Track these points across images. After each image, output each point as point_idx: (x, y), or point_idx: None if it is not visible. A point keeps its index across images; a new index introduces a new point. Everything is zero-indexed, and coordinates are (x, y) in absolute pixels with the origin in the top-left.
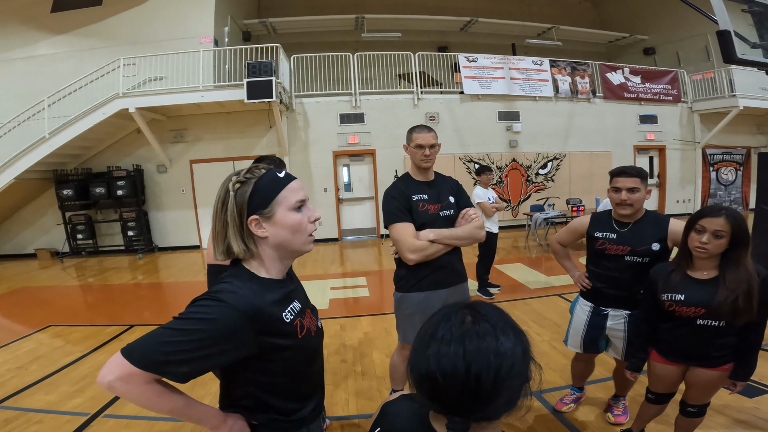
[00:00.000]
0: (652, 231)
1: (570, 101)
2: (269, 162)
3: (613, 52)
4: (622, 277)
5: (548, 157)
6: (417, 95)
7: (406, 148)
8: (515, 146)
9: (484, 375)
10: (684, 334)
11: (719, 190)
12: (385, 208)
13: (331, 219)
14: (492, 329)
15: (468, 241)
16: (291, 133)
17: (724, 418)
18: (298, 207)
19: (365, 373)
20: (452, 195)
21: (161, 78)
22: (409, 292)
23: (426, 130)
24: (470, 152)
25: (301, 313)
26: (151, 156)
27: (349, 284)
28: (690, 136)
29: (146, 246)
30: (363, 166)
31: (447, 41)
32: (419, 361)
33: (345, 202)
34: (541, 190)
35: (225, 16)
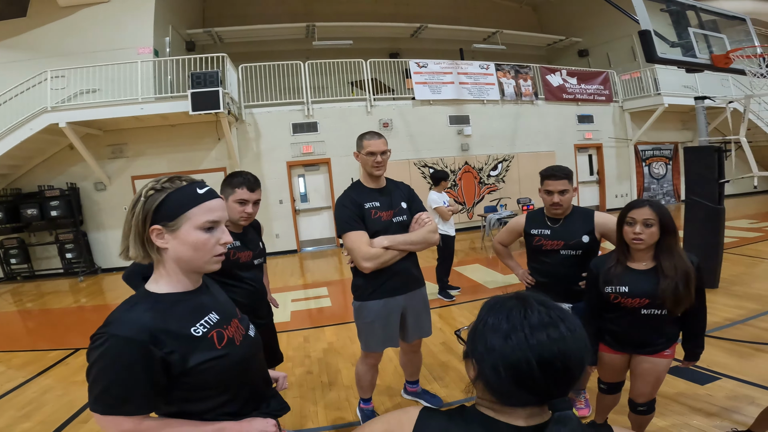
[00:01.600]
0: (580, 225)
1: (515, 104)
2: (243, 179)
3: (552, 54)
4: (560, 271)
5: (498, 158)
6: (370, 102)
7: (356, 155)
8: (467, 149)
9: (585, 350)
10: (629, 324)
11: (653, 184)
12: (337, 218)
13: (289, 231)
14: (564, 309)
15: (422, 245)
16: (242, 144)
17: (679, 406)
18: (208, 227)
19: (333, 384)
20: (404, 201)
21: (95, 90)
22: (368, 300)
23: (377, 137)
24: (424, 157)
25: (221, 324)
26: (87, 173)
27: (310, 295)
28: (623, 133)
29: (88, 268)
30: (318, 176)
31: (398, 47)
32: (525, 351)
33: (302, 213)
34: (493, 191)
35: (165, 26)
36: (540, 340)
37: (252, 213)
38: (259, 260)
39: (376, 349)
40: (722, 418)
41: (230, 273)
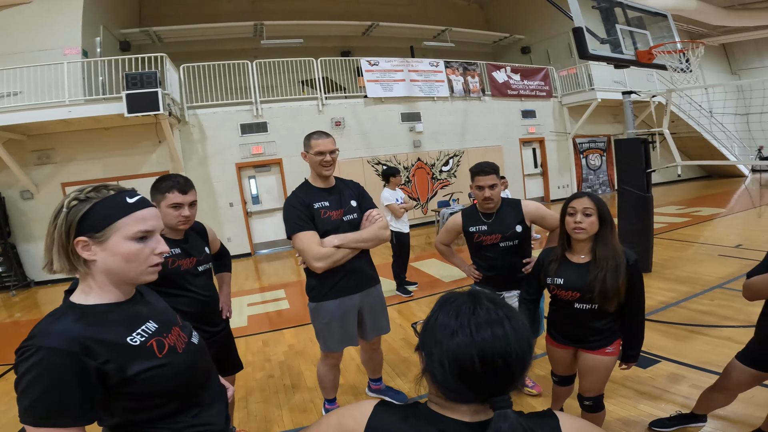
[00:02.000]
0: (512, 216)
1: (464, 100)
2: (172, 182)
3: (498, 51)
4: (503, 262)
5: (449, 154)
6: (321, 101)
7: (304, 155)
8: (419, 146)
9: (527, 349)
10: (565, 317)
11: (590, 175)
12: (286, 219)
13: (241, 234)
14: (512, 308)
15: (374, 242)
16: (186, 146)
17: (627, 390)
18: (140, 237)
19: (296, 386)
20: (354, 199)
21: (17, 93)
22: (323, 300)
23: (324, 136)
24: (377, 155)
25: (160, 332)
26: (12, 181)
27: (267, 298)
28: (562, 127)
29: (19, 281)
30: (270, 177)
31: (350, 46)
32: (470, 348)
33: (254, 216)
34: (445, 186)
35: (96, 26)
36: (484, 337)
37: (190, 216)
38: (205, 267)
39: (335, 349)
40: (666, 401)
41: (172, 282)
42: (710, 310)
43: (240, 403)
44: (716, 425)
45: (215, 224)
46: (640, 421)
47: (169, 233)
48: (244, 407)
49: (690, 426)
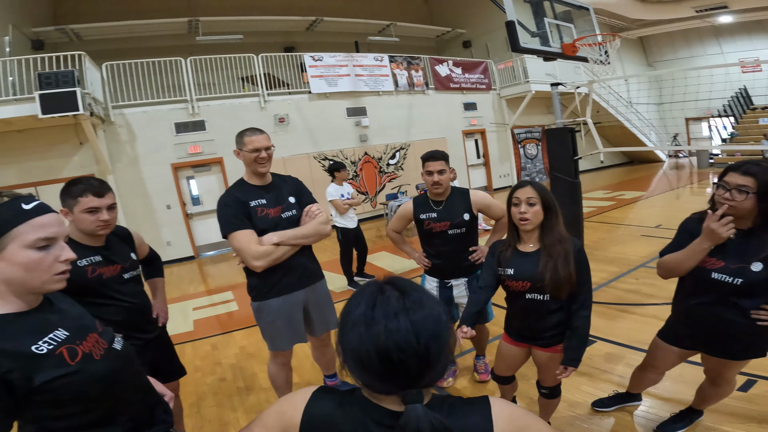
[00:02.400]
0: (460, 204)
1: (408, 94)
2: (85, 185)
3: (441, 45)
4: (451, 250)
5: (396, 147)
6: (263, 97)
7: (237, 153)
8: (365, 140)
9: (431, 342)
10: (518, 309)
11: (528, 164)
12: (220, 218)
13: (182, 237)
14: (420, 298)
15: (315, 238)
16: (112, 147)
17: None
18: (42, 246)
19: (249, 388)
20: (293, 195)
21: None
22: (266, 299)
23: (258, 132)
24: (324, 150)
25: (72, 340)
26: None
27: (214, 301)
28: (501, 119)
29: None
30: (211, 177)
31: (293, 41)
32: (365, 340)
33: (195, 217)
34: (393, 179)
35: (4, 25)
36: (378, 331)
37: (109, 220)
38: (132, 274)
39: (283, 348)
40: (604, 381)
41: (95, 291)
42: (636, 289)
43: (191, 408)
44: (651, 403)
45: (152, 228)
46: (583, 401)
47: (87, 240)
48: (197, 412)
49: (628, 405)
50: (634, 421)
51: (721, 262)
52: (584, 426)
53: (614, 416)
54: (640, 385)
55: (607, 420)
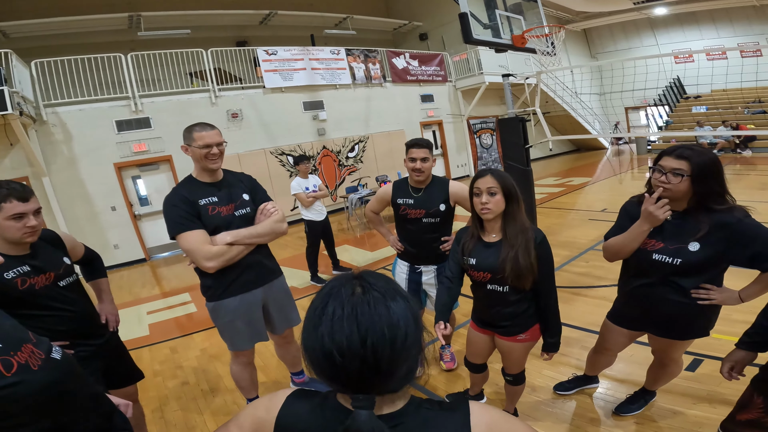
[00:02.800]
0: (438, 194)
1: (366, 87)
2: (7, 190)
3: (398, 38)
4: (423, 237)
5: (354, 140)
6: (214, 93)
7: (185, 149)
8: (323, 134)
9: (380, 347)
10: (480, 298)
11: (484, 153)
12: (167, 218)
13: (131, 239)
14: (382, 298)
15: (270, 236)
16: (47, 148)
17: (530, 356)
18: None
19: (214, 390)
20: (246, 192)
21: None
22: (222, 299)
23: (209, 128)
24: (280, 145)
25: (6, 351)
26: None
27: (171, 303)
28: (457, 110)
29: None
30: (159, 176)
31: (246, 35)
32: (312, 340)
33: (145, 218)
34: (353, 172)
35: None
36: (322, 330)
37: (36, 225)
38: (68, 280)
39: (244, 347)
40: (563, 364)
41: (29, 303)
42: (587, 272)
43: (155, 414)
44: (608, 385)
45: (97, 231)
46: (546, 386)
47: (11, 249)
48: (161, 418)
49: (586, 387)
50: (594, 404)
51: (660, 243)
52: (548, 410)
53: (575, 399)
54: (595, 368)
55: (569, 403)
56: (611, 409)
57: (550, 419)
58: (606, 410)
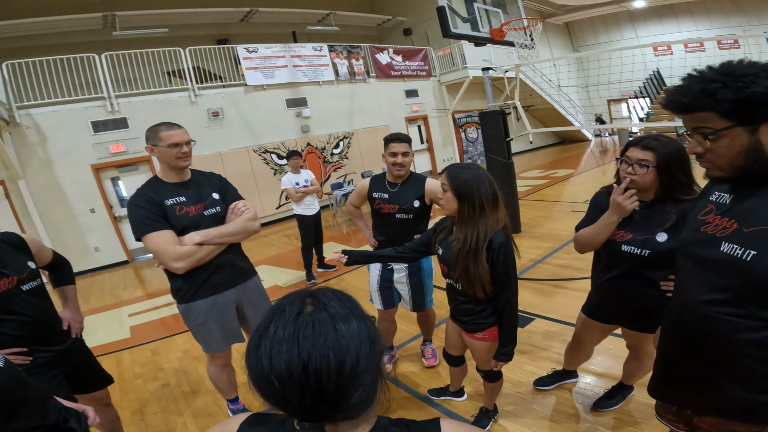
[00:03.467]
0: (413, 190)
1: (350, 83)
2: None
3: (382, 34)
4: (396, 233)
5: (339, 137)
6: (194, 92)
7: (151, 149)
8: (307, 131)
9: (324, 374)
10: (448, 290)
11: (469, 147)
12: (132, 220)
13: (112, 241)
14: (331, 319)
15: (242, 235)
16: (21, 151)
17: None
18: None
19: (195, 391)
20: (216, 191)
21: None
22: (193, 301)
23: (176, 127)
24: (263, 143)
25: None
26: None
27: (154, 305)
28: (442, 104)
29: None
30: (139, 176)
31: (227, 33)
32: (252, 361)
33: (126, 220)
34: (338, 168)
35: None
36: (261, 352)
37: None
38: (32, 285)
39: (219, 349)
40: (543, 359)
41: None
42: (568, 264)
43: (134, 416)
44: (587, 380)
45: (76, 235)
46: (526, 380)
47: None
48: (141, 420)
49: (566, 382)
50: (574, 399)
51: (629, 234)
52: (528, 406)
53: (555, 394)
54: (573, 362)
55: (549, 398)
56: (590, 404)
57: (530, 415)
58: (585, 405)
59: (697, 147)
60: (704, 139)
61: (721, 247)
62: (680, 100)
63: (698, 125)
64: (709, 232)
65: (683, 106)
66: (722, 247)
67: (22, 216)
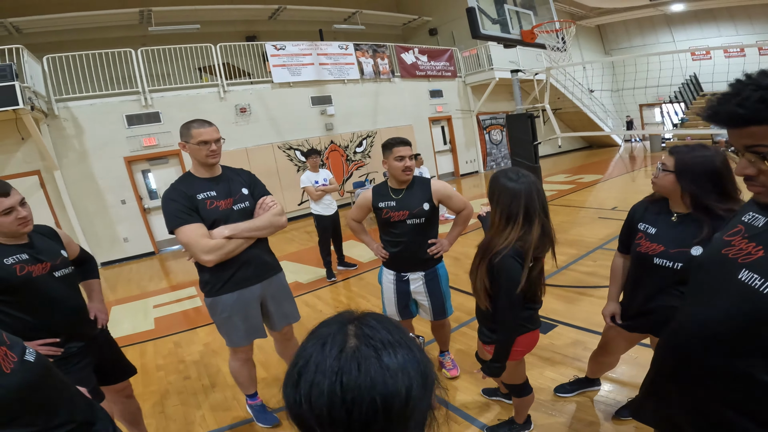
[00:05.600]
0: (420, 193)
1: (374, 82)
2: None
3: (407, 33)
4: (409, 240)
5: (362, 135)
6: (223, 88)
7: (183, 146)
8: (331, 129)
9: (371, 420)
10: None
11: (493, 149)
12: (165, 213)
13: (140, 232)
14: (375, 355)
15: (269, 230)
16: (58, 142)
17: (532, 357)
18: None
19: (215, 385)
20: (245, 187)
21: None
22: (219, 294)
23: (207, 124)
24: (288, 140)
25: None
26: None
27: (177, 297)
28: (467, 105)
29: None
30: (169, 169)
31: (255, 30)
32: (291, 399)
33: (154, 212)
34: (360, 167)
35: None
36: (301, 391)
37: (27, 215)
38: (63, 272)
39: (241, 344)
40: (566, 366)
41: (24, 293)
42: (593, 271)
43: (155, 408)
44: (610, 388)
45: (107, 225)
46: (547, 387)
47: (10, 240)
48: (161, 412)
49: (588, 390)
50: (595, 407)
51: (661, 246)
52: (547, 412)
53: (575, 401)
54: (598, 370)
55: (569, 406)
56: (611, 413)
57: (549, 421)
58: (606, 413)
59: (747, 168)
60: (761, 160)
61: (739, 274)
62: (735, 111)
63: (753, 142)
64: (730, 256)
65: (738, 119)
66: (740, 274)
67: (56, 206)
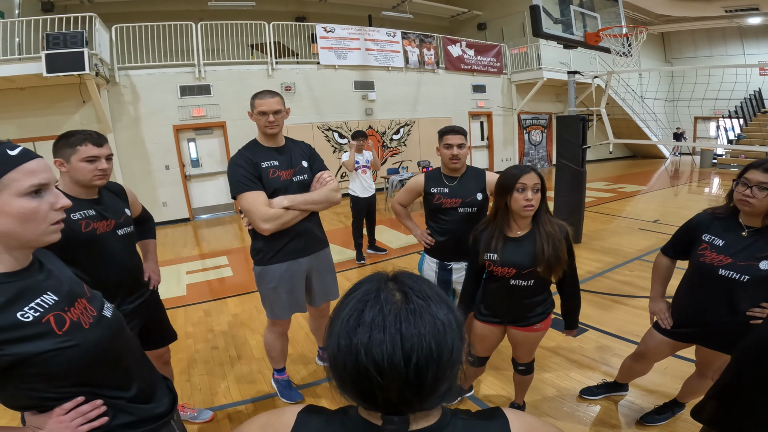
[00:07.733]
0: (474, 183)
1: (418, 71)
2: (84, 135)
3: (455, 26)
4: (458, 229)
5: (400, 123)
6: (271, 65)
7: (250, 115)
8: (371, 114)
9: (425, 366)
10: (501, 293)
11: (531, 150)
12: (231, 178)
13: (179, 198)
14: (426, 306)
15: (324, 204)
16: (115, 108)
17: (559, 358)
18: (34, 191)
19: (242, 357)
20: (305, 160)
21: None
22: (269, 264)
23: (269, 95)
24: (328, 121)
25: (60, 306)
26: None
27: (208, 266)
28: (509, 103)
29: None
30: (212, 140)
31: (305, 11)
32: (345, 353)
33: (194, 179)
34: (395, 154)
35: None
36: (357, 343)
37: (107, 169)
38: (125, 231)
39: (282, 316)
40: (593, 369)
41: (87, 248)
42: (630, 281)
43: (182, 376)
44: (636, 394)
45: (149, 188)
46: (572, 389)
47: (80, 193)
48: (187, 380)
49: (614, 394)
50: (618, 411)
51: (728, 258)
52: (570, 412)
53: (600, 404)
54: (629, 375)
55: (593, 408)
56: (635, 418)
57: (570, 420)
58: (629, 418)
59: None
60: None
61: None
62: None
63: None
64: None
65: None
66: None
67: None
